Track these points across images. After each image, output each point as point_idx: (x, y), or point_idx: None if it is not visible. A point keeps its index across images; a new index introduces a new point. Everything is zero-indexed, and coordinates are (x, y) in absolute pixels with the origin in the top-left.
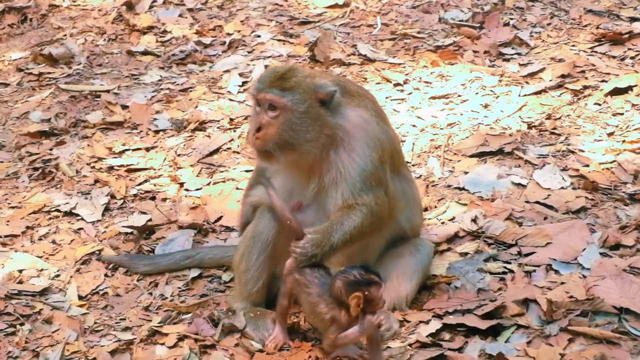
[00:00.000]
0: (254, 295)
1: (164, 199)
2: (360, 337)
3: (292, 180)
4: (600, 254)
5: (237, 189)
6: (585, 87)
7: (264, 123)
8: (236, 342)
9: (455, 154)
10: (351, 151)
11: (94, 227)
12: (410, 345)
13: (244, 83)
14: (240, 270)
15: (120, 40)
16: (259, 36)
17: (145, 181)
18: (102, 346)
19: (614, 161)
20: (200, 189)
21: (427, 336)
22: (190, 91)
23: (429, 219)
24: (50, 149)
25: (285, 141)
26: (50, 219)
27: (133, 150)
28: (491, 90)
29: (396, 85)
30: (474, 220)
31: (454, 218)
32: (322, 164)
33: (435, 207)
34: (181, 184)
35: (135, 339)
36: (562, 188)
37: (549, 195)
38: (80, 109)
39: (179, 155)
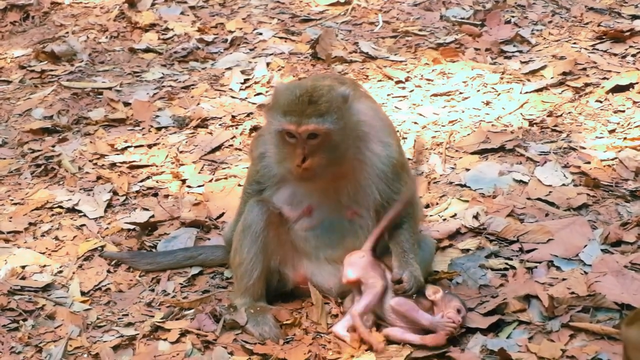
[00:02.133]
0: (251, 289)
1: (166, 196)
2: (425, 324)
3: (300, 188)
4: (602, 250)
5: (239, 185)
6: (587, 85)
7: (307, 153)
8: (234, 338)
9: (456, 151)
10: (378, 143)
11: (97, 223)
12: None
13: (245, 80)
14: (235, 265)
15: (122, 37)
16: (260, 34)
17: (148, 178)
18: (104, 342)
19: (615, 158)
20: (203, 185)
21: None
22: (192, 88)
23: (431, 215)
24: (53, 146)
25: (331, 160)
26: (52, 215)
27: (135, 147)
28: (493, 88)
29: (398, 82)
30: (476, 217)
31: (455, 215)
32: (354, 163)
33: (437, 203)
34: (183, 181)
35: (137, 334)
36: (563, 185)
37: (550, 192)
38: (82, 106)
39: (181, 152)
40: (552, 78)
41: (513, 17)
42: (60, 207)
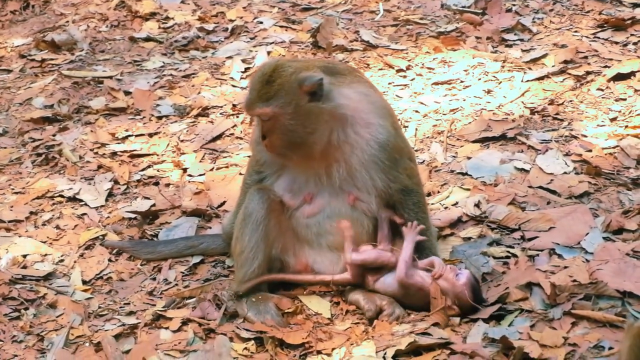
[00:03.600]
0: (253, 277)
1: (167, 185)
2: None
3: (299, 175)
4: (604, 238)
5: (240, 174)
6: (588, 73)
7: (264, 132)
8: (236, 327)
9: (458, 139)
10: (367, 126)
11: (98, 212)
12: (411, 332)
13: (246, 69)
14: (236, 253)
15: (123, 26)
16: (261, 22)
17: (149, 167)
18: (106, 330)
19: (617, 146)
20: (204, 174)
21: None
22: (193, 77)
23: (432, 203)
24: (54, 135)
25: (290, 142)
26: (53, 204)
27: (136, 136)
28: (494, 76)
29: (399, 71)
30: (477, 205)
31: (457, 203)
32: (344, 146)
33: (439, 192)
34: (184, 170)
35: (139, 323)
36: (565, 173)
37: (552, 180)
38: (83, 95)
39: (182, 140)
40: (553, 66)
41: (514, 5)
42: (61, 196)
